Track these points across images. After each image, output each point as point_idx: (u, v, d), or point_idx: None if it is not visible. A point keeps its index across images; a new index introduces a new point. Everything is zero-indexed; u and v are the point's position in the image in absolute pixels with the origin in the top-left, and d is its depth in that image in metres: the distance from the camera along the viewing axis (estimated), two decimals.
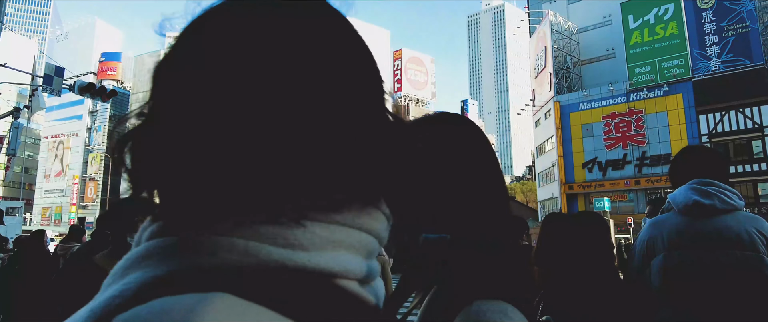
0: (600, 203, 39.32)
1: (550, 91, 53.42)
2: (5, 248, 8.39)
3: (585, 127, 50.09)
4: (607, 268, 2.32)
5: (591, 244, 2.29)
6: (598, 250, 2.29)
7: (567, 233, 2.36)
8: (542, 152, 57.19)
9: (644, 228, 2.86)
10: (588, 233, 2.32)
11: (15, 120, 14.87)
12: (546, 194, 55.33)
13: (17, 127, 14.62)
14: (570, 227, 2.42)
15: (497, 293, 0.87)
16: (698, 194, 2.64)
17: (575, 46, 56.35)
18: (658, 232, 2.72)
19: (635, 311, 2.40)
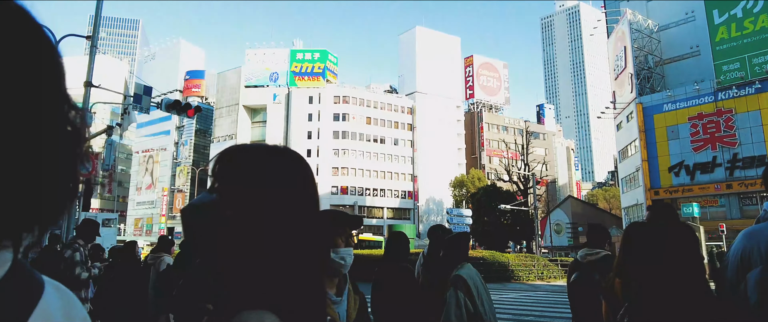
0: (688, 209, 37.27)
1: (632, 92, 51.39)
2: (102, 258, 8.94)
3: (670, 130, 47.78)
4: (696, 281, 2.20)
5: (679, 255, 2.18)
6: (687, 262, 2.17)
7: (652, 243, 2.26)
8: (625, 157, 55.01)
9: (738, 238, 2.64)
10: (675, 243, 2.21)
11: (108, 137, 15.86)
12: (630, 200, 53.12)
13: (111, 144, 15.58)
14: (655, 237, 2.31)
15: (263, 302, 0.94)
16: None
17: (656, 45, 54.00)
18: (754, 242, 2.50)
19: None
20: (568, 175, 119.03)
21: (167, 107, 16.89)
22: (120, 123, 17.06)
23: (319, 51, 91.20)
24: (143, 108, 16.34)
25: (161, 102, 16.82)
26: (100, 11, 15.99)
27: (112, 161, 15.48)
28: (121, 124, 16.84)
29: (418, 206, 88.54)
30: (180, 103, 17.53)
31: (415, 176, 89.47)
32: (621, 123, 56.19)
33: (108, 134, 15.83)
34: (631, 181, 52.96)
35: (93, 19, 16.62)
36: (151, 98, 17.10)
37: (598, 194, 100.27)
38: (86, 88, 15.80)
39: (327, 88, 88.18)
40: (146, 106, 16.55)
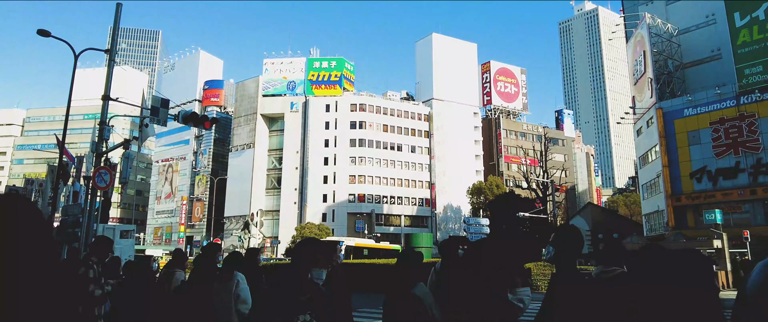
0: (711, 216, 36.69)
1: (652, 97, 50.77)
2: (116, 273, 8.96)
3: (691, 135, 47.05)
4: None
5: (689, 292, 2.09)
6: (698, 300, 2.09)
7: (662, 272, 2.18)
8: (645, 163, 54.28)
9: (756, 271, 2.43)
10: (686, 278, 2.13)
11: (126, 151, 16.01)
12: (651, 206, 52.36)
13: (127, 157, 15.72)
14: (665, 265, 2.23)
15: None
16: None
17: (676, 49, 53.31)
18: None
19: None
20: (588, 181, 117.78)
21: (184, 119, 17.01)
22: (137, 137, 17.20)
23: (336, 59, 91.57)
24: (160, 121, 16.46)
25: (179, 114, 16.93)
26: (117, 27, 16.19)
27: (128, 174, 15.61)
28: (139, 137, 16.98)
29: (435, 213, 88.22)
30: (197, 115, 17.65)
31: (432, 184, 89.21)
32: (641, 128, 55.49)
33: (125, 148, 15.98)
34: (652, 187, 52.22)
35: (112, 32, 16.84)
36: (168, 111, 17.21)
37: (619, 200, 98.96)
38: (104, 102, 15.99)
39: (344, 96, 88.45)
40: (163, 118, 16.67)
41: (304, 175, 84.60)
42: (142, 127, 18.05)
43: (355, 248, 41.02)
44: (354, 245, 41.96)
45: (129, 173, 15.69)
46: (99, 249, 7.26)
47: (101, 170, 15.04)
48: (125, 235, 23.40)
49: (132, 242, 24.63)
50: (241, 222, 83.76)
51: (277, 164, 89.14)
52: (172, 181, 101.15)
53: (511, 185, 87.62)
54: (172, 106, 17.51)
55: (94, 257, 7.25)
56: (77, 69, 18.74)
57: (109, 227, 22.79)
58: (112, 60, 16.09)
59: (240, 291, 6.05)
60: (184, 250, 33.99)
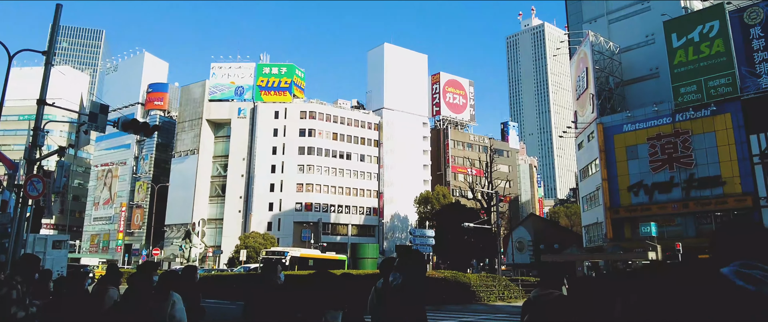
0: (646, 228, 38.11)
1: (593, 112, 52.45)
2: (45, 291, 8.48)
3: (629, 150, 48.87)
4: None
5: None
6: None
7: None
8: (586, 176, 55.97)
9: None
10: None
11: (60, 158, 15.30)
12: (591, 218, 54.00)
13: (62, 166, 15.02)
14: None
15: None
16: (742, 279, 2.40)
17: (617, 67, 55.34)
18: None
19: None
20: (531, 192, 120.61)
21: (124, 126, 16.42)
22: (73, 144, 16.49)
23: (286, 65, 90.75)
24: (99, 127, 15.81)
25: (119, 120, 16.34)
26: (56, 29, 15.52)
27: (62, 183, 14.92)
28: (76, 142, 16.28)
29: (383, 222, 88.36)
30: (138, 122, 17.08)
31: (380, 193, 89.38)
32: (582, 142, 57.23)
33: (60, 155, 15.29)
34: (592, 199, 53.88)
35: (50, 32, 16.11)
36: (107, 117, 16.58)
37: (560, 211, 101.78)
38: (39, 106, 15.29)
39: (293, 104, 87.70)
40: (102, 125, 16.02)
41: (250, 183, 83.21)
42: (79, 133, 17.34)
43: (301, 259, 40.56)
44: (299, 256, 41.48)
45: (63, 182, 14.99)
46: (24, 269, 6.87)
47: (33, 177, 14.33)
48: (58, 245, 22.32)
49: (65, 253, 23.51)
50: (182, 231, 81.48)
51: (222, 171, 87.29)
52: (111, 186, 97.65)
53: (458, 194, 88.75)
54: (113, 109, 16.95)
55: (19, 276, 6.86)
56: (14, 68, 17.88)
57: (40, 236, 21.71)
58: (49, 63, 15.40)
59: (176, 312, 5.82)
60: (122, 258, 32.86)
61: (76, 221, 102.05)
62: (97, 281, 8.49)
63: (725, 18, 45.19)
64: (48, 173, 16.09)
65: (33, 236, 17.54)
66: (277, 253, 42.93)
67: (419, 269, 5.74)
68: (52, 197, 15.87)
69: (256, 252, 61.96)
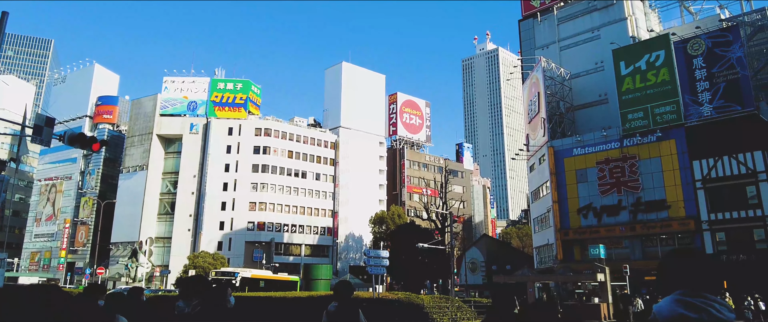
0: (595, 250, 38.92)
1: (544, 136, 53.62)
2: None
3: (579, 173, 50.10)
4: None
5: None
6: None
7: None
8: (537, 198, 57.00)
9: None
10: None
11: (0, 172, 14.61)
12: (542, 239, 54.92)
13: (2, 180, 14.35)
14: None
15: None
16: (684, 307, 2.46)
17: (568, 92, 56.87)
18: None
19: None
20: (484, 213, 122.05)
21: (70, 140, 15.86)
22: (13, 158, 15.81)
23: (242, 81, 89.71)
24: (44, 141, 15.20)
25: (65, 134, 15.74)
26: (2, 36, 14.87)
27: (2, 198, 14.23)
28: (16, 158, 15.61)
29: (337, 242, 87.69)
30: (85, 137, 16.51)
31: (335, 212, 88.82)
32: (534, 165, 58.36)
33: (0, 169, 14.59)
34: (543, 221, 54.85)
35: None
36: (53, 130, 15.97)
37: (512, 231, 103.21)
38: None
39: (248, 120, 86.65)
40: (47, 139, 15.42)
41: (201, 200, 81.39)
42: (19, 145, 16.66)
43: (251, 280, 39.72)
44: (250, 277, 40.61)
45: (3, 197, 14.29)
46: None
47: None
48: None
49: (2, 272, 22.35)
50: (128, 249, 78.89)
51: (171, 188, 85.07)
52: (54, 202, 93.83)
53: (412, 214, 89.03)
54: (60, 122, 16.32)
55: None
56: None
57: None
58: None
59: None
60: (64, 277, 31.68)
61: (15, 237, 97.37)
62: None
63: (670, 48, 47.13)
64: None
65: None
66: (228, 273, 41.95)
67: (349, 296, 6.81)
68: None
69: (205, 272, 60.42)
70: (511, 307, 27.74)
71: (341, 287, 7.10)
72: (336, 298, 7.00)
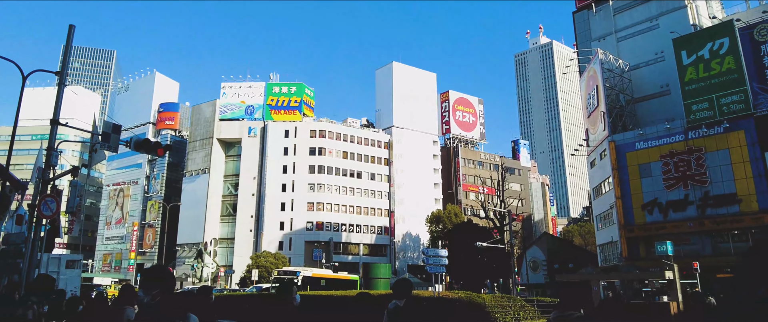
0: (662, 247, 37.52)
1: (604, 130, 52.12)
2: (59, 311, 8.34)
3: (642, 167, 48.38)
4: None
5: None
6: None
7: None
8: (599, 194, 55.48)
9: None
10: None
11: (73, 178, 15.33)
12: (605, 237, 53.38)
13: (75, 185, 15.04)
14: None
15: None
16: None
17: (628, 84, 55.09)
18: None
19: None
20: (543, 210, 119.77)
21: (136, 146, 16.45)
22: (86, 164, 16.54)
23: (296, 84, 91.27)
24: (111, 147, 15.84)
25: (131, 140, 16.37)
26: (69, 50, 15.63)
27: (76, 203, 14.92)
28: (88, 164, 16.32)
29: (394, 242, 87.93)
30: (149, 142, 17.11)
31: (391, 212, 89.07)
32: (594, 160, 56.83)
33: (73, 175, 15.30)
34: (606, 218, 53.31)
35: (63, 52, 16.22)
36: (119, 136, 16.62)
37: (574, 229, 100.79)
38: (53, 126, 15.34)
39: (303, 122, 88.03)
40: (115, 145, 16.06)
41: (261, 202, 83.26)
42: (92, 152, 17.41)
43: (312, 279, 40.29)
44: (311, 276, 41.20)
45: (77, 201, 15.00)
46: (40, 289, 6.79)
47: (47, 197, 14.34)
48: (71, 265, 22.32)
49: (78, 272, 23.50)
50: (194, 250, 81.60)
51: (232, 190, 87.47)
52: (123, 206, 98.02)
53: (470, 213, 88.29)
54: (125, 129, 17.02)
55: (34, 296, 6.80)
56: (27, 88, 18.02)
57: (54, 256, 21.71)
58: (63, 83, 15.49)
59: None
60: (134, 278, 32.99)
61: (89, 240, 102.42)
62: (112, 303, 8.40)
63: (735, 35, 44.92)
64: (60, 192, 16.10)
65: (46, 255, 17.52)
66: (289, 273, 42.71)
67: (409, 294, 6.90)
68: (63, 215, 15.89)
69: (267, 272, 61.75)
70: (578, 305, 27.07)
71: (400, 285, 7.06)
72: (396, 296, 6.97)
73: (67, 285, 20.18)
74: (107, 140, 16.00)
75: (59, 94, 15.30)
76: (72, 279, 21.76)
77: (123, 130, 17.32)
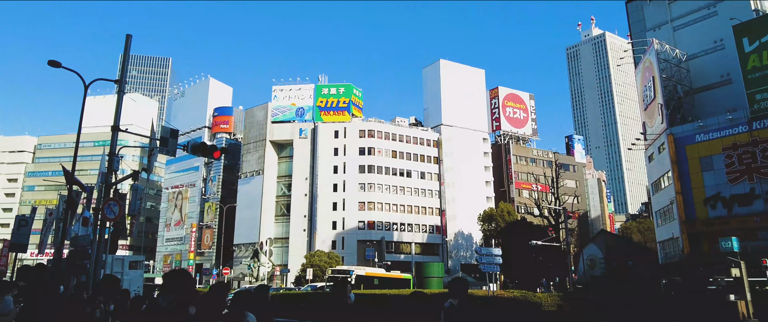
0: (727, 243, 35.92)
1: (662, 123, 50.40)
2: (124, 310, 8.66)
3: (703, 161, 46.52)
4: None
5: None
6: None
7: None
8: (658, 189, 53.69)
9: None
10: None
11: (134, 182, 15.89)
12: (666, 233, 51.61)
13: (136, 189, 15.59)
14: None
15: None
16: None
17: (685, 74, 53.10)
18: None
19: None
20: (600, 207, 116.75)
21: (193, 150, 16.93)
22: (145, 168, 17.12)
23: (344, 85, 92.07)
24: (170, 151, 16.37)
25: (188, 144, 16.86)
26: (127, 59, 16.22)
27: (137, 206, 15.47)
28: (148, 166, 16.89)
29: (446, 241, 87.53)
30: (206, 146, 17.57)
31: (442, 210, 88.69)
32: (652, 154, 55.05)
33: (134, 179, 15.86)
34: (666, 214, 51.53)
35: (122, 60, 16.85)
36: (177, 141, 17.14)
37: (632, 226, 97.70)
38: (113, 133, 15.95)
39: (352, 123, 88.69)
40: (172, 149, 16.58)
41: (314, 201, 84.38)
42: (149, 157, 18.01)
43: (366, 278, 40.54)
44: (365, 275, 41.46)
45: (138, 204, 15.55)
46: (106, 289, 7.08)
47: (110, 201, 14.93)
48: (134, 266, 23.19)
49: (141, 272, 24.39)
50: (250, 250, 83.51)
51: (286, 191, 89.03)
52: (181, 208, 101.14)
53: (523, 211, 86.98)
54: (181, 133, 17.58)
55: (101, 296, 7.08)
56: (88, 97, 18.78)
57: (118, 257, 22.58)
58: (122, 91, 16.09)
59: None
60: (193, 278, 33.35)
61: (150, 241, 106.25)
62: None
63: None
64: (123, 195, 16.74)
65: (111, 256, 18.24)
66: (343, 272, 43.12)
67: (465, 293, 6.90)
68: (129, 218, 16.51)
69: (321, 271, 62.50)
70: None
71: (456, 284, 7.02)
72: (452, 295, 6.92)
73: (130, 285, 20.96)
74: (165, 145, 16.53)
75: (119, 101, 15.89)
76: (135, 279, 22.60)
77: (180, 135, 17.84)
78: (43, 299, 7.24)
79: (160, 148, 16.04)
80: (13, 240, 26.19)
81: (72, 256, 16.62)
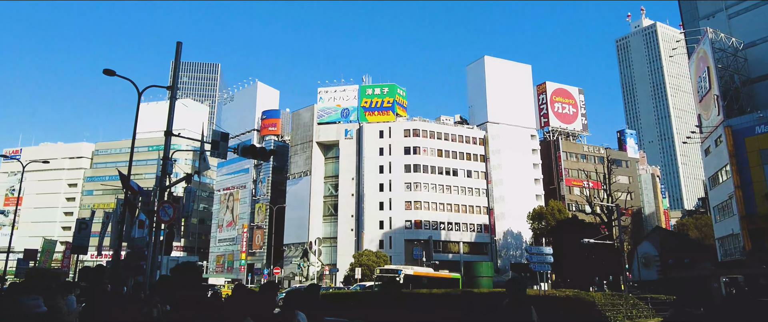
0: None
1: (719, 115, 48.58)
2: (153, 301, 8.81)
3: (764, 153, 44.61)
4: None
5: None
6: None
7: None
8: (716, 183, 51.77)
9: None
10: None
11: (188, 185, 16.33)
12: (724, 229, 49.70)
13: (189, 191, 16.01)
14: None
15: None
16: None
17: (743, 64, 51.02)
18: None
19: None
20: (654, 203, 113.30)
21: (243, 152, 17.30)
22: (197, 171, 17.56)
23: (388, 85, 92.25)
24: (221, 154, 16.74)
25: (238, 147, 17.23)
26: (178, 65, 16.67)
27: (190, 208, 15.89)
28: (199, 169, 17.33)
29: (495, 240, 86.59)
30: (255, 148, 17.93)
31: (490, 209, 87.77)
32: (709, 147, 53.12)
33: (187, 182, 16.30)
34: (724, 209, 49.64)
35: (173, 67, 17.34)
36: (227, 144, 17.53)
37: (689, 222, 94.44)
38: (167, 137, 16.43)
39: (397, 122, 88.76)
40: (223, 152, 16.95)
41: (360, 201, 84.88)
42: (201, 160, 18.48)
43: (414, 277, 40.45)
44: (413, 274, 41.37)
45: (191, 206, 15.97)
46: (163, 290, 7.30)
47: (165, 204, 15.38)
48: None
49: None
50: (299, 249, 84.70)
51: (333, 191, 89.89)
52: (233, 209, 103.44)
53: (574, 209, 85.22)
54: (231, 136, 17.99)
55: (158, 296, 7.31)
56: (142, 103, 19.41)
57: (173, 258, 23.26)
58: (174, 97, 16.53)
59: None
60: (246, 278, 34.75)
61: (203, 242, 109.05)
62: (226, 299, 8.86)
63: None
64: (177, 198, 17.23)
65: (166, 257, 18.79)
66: (391, 271, 43.16)
67: (522, 294, 6.83)
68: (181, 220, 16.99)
69: (369, 270, 62.81)
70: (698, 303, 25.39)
71: (513, 284, 7.01)
72: (508, 296, 6.92)
73: None
74: (216, 148, 16.92)
75: (171, 107, 16.35)
76: None
77: (230, 138, 18.24)
78: (103, 299, 7.53)
79: (211, 152, 16.44)
80: (74, 242, 27.37)
81: (129, 257, 17.20)
